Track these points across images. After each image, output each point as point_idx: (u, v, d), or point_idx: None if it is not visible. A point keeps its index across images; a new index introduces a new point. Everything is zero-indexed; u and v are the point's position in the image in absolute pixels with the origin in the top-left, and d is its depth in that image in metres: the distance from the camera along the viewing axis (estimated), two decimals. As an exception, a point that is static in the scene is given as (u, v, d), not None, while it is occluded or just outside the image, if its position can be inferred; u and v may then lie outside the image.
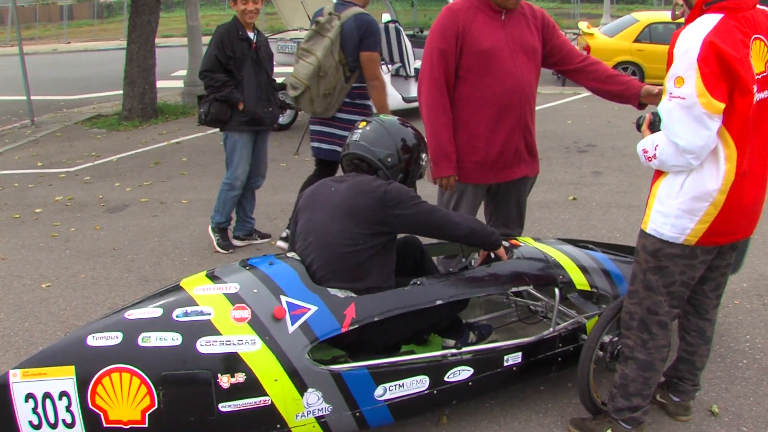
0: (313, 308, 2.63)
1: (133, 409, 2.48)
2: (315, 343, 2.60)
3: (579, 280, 3.17)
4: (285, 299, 2.63)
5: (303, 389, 2.56)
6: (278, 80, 5.33)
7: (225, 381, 2.49)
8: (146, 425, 2.48)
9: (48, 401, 2.47)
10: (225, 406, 2.50)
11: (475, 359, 2.85)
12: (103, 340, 2.52)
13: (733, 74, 2.26)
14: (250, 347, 2.53)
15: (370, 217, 2.75)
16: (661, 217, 2.52)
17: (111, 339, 2.52)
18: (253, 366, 2.52)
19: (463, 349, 2.86)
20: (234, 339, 2.53)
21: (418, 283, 2.83)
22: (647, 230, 2.58)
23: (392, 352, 2.87)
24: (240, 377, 2.50)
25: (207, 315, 2.57)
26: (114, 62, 16.55)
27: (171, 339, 2.52)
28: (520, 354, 2.93)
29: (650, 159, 2.48)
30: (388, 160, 2.92)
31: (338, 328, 2.64)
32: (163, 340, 2.51)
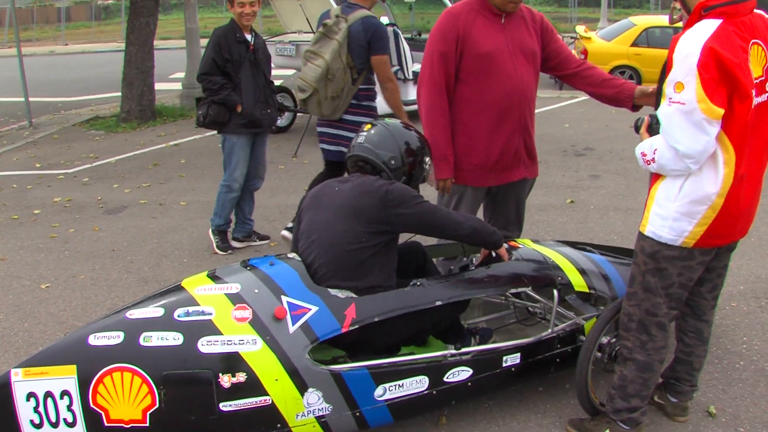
0: (314, 308, 2.65)
1: (134, 409, 2.48)
2: (315, 343, 2.62)
3: (577, 282, 3.19)
4: (286, 299, 2.65)
5: (303, 389, 2.58)
6: (277, 83, 5.35)
7: (226, 380, 2.50)
8: (147, 424, 2.49)
9: (49, 400, 2.48)
10: (226, 406, 2.51)
11: (474, 360, 2.87)
12: (105, 340, 2.53)
13: (733, 80, 2.27)
14: (251, 347, 2.54)
15: (373, 217, 2.77)
16: (660, 220, 2.53)
17: (112, 338, 2.53)
18: (254, 366, 2.53)
19: (463, 350, 2.88)
20: (235, 339, 2.55)
21: (418, 284, 2.85)
22: (645, 233, 2.60)
23: (392, 353, 2.89)
24: (241, 377, 2.51)
25: (208, 315, 2.59)
26: (112, 64, 16.56)
27: (172, 339, 2.53)
28: (519, 355, 2.95)
29: (649, 162, 2.49)
30: (392, 163, 2.94)
31: (339, 329, 2.65)
32: (165, 340, 2.53)
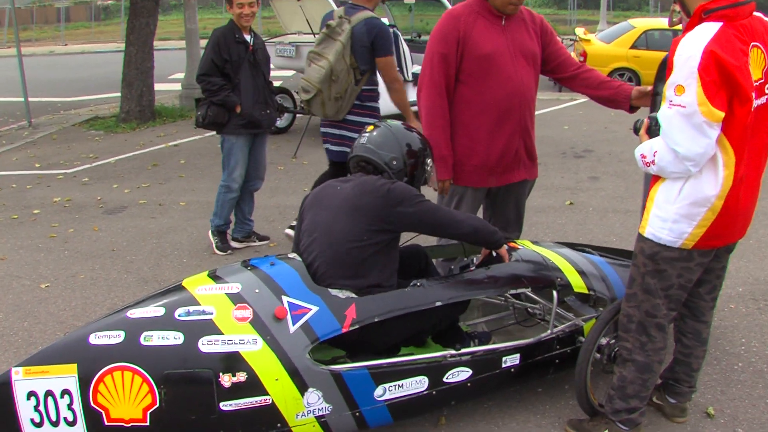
0: (314, 308, 2.66)
1: (135, 408, 2.49)
2: (316, 343, 2.62)
3: (577, 283, 3.19)
4: (286, 299, 2.65)
5: (303, 389, 2.58)
6: (276, 84, 5.35)
7: (226, 380, 2.51)
8: (147, 424, 2.50)
9: (50, 399, 2.48)
10: (226, 405, 2.52)
11: (474, 360, 2.87)
12: (106, 339, 2.54)
13: (733, 83, 2.28)
14: (252, 347, 2.55)
15: (375, 215, 2.78)
16: (659, 222, 2.54)
17: (113, 338, 2.54)
18: (255, 365, 2.53)
19: (462, 351, 2.88)
20: (235, 338, 2.55)
21: (418, 285, 2.85)
22: (645, 234, 2.60)
23: (392, 353, 2.90)
24: (241, 376, 2.52)
25: (209, 314, 2.59)
26: (111, 64, 16.56)
27: (173, 338, 2.53)
28: (518, 356, 2.96)
29: (648, 164, 2.50)
30: (393, 163, 2.96)
31: (339, 329, 2.66)
32: (165, 339, 2.53)
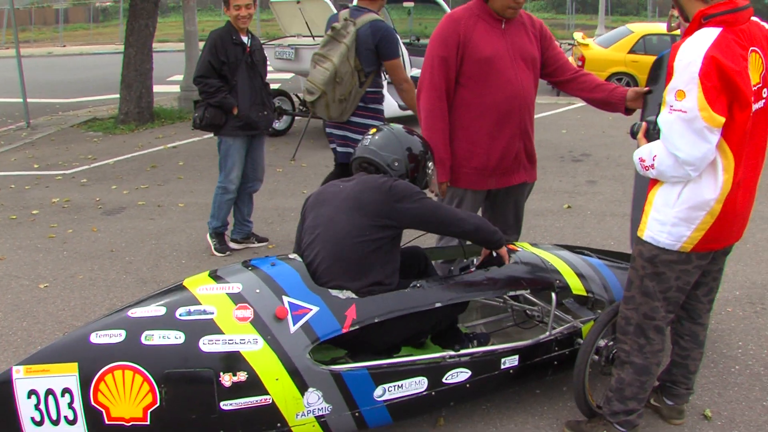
0: (315, 309, 2.67)
1: (135, 407, 2.49)
2: (316, 343, 2.63)
3: (575, 285, 3.21)
4: (287, 299, 2.66)
5: (304, 389, 2.59)
6: (275, 86, 5.36)
7: (227, 379, 2.52)
8: (148, 423, 2.50)
9: (50, 398, 2.49)
10: (226, 405, 2.53)
11: (473, 361, 2.89)
12: (107, 338, 2.54)
13: (734, 88, 2.29)
14: (252, 346, 2.56)
15: (377, 211, 2.80)
16: (658, 225, 2.55)
17: (114, 337, 2.54)
18: (255, 365, 2.54)
19: (461, 352, 2.90)
20: (236, 338, 2.56)
21: (418, 286, 2.87)
22: (644, 237, 2.61)
23: (392, 353, 2.91)
24: (242, 376, 2.53)
25: (210, 314, 2.60)
26: (109, 66, 16.58)
27: (174, 337, 2.54)
28: (517, 357, 2.97)
29: (647, 168, 2.51)
30: (395, 165, 2.98)
31: (339, 329, 2.67)
32: (166, 339, 2.54)
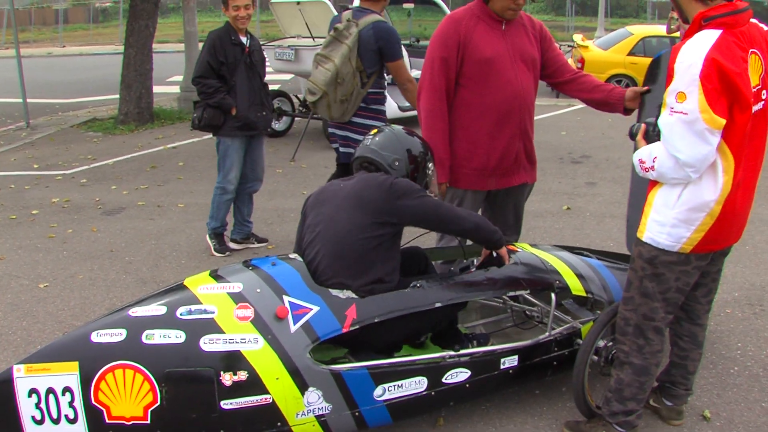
0: (315, 308, 2.67)
1: (136, 406, 2.50)
2: (316, 343, 2.64)
3: (575, 286, 3.22)
4: (287, 299, 2.67)
5: (304, 388, 2.60)
6: (276, 87, 5.36)
7: (227, 379, 2.52)
8: (148, 422, 2.51)
9: (51, 396, 2.49)
10: (227, 404, 2.53)
11: (473, 362, 2.89)
12: (107, 337, 2.55)
13: (734, 90, 2.30)
14: (253, 346, 2.56)
15: (378, 208, 2.81)
16: (658, 226, 2.56)
17: (115, 336, 2.55)
18: (255, 364, 2.55)
19: (461, 352, 2.90)
20: (237, 337, 2.57)
21: (418, 286, 2.87)
22: (643, 239, 2.62)
23: (391, 352, 2.91)
24: (242, 375, 2.53)
25: (210, 313, 2.61)
26: (109, 66, 16.57)
27: (174, 336, 2.55)
28: (517, 357, 2.98)
29: (647, 170, 2.51)
30: (396, 164, 2.99)
31: (339, 329, 2.67)
32: (167, 338, 2.54)
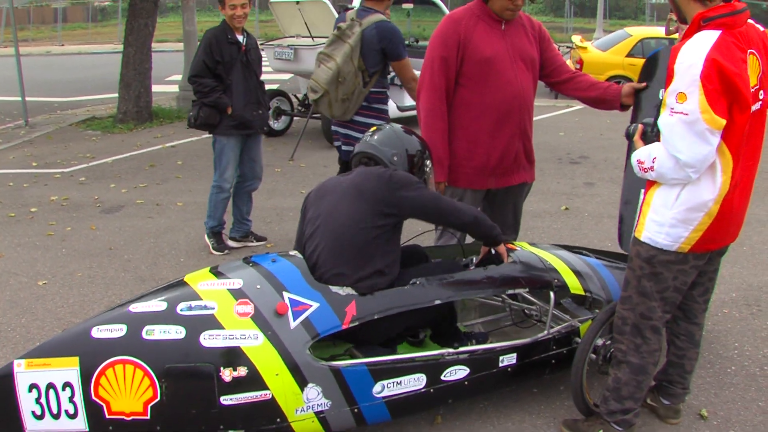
0: (315, 305, 2.69)
1: (136, 401, 2.51)
2: (316, 339, 2.65)
3: (573, 284, 3.23)
4: (287, 295, 2.68)
5: (303, 384, 2.61)
6: (274, 86, 5.37)
7: (227, 374, 2.53)
8: (148, 417, 2.52)
9: (51, 392, 2.50)
10: (227, 400, 2.54)
11: (471, 359, 2.91)
12: (108, 332, 2.56)
13: (734, 90, 2.31)
14: (253, 342, 2.57)
15: (377, 199, 2.83)
16: (656, 226, 2.57)
17: (115, 331, 2.56)
18: (255, 360, 2.56)
19: (460, 349, 2.91)
20: (237, 333, 2.57)
21: (417, 283, 2.88)
22: (641, 238, 2.63)
23: (389, 347, 2.92)
24: (242, 371, 2.54)
25: (210, 309, 2.62)
26: (108, 65, 16.55)
27: (175, 332, 2.56)
28: (515, 355, 2.99)
29: (646, 170, 2.52)
30: (395, 159, 3.01)
31: (339, 325, 2.69)
32: (167, 334, 2.55)
